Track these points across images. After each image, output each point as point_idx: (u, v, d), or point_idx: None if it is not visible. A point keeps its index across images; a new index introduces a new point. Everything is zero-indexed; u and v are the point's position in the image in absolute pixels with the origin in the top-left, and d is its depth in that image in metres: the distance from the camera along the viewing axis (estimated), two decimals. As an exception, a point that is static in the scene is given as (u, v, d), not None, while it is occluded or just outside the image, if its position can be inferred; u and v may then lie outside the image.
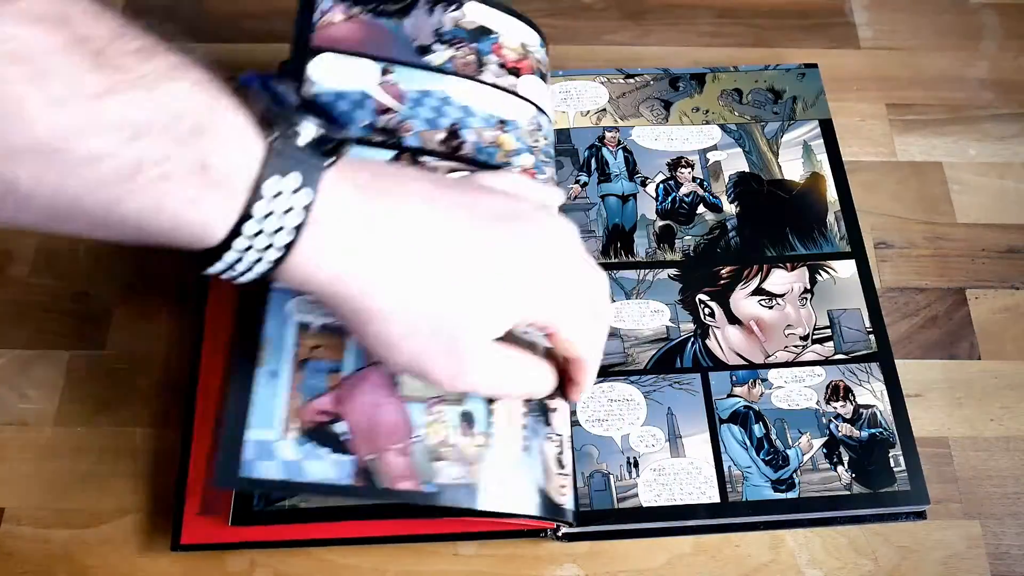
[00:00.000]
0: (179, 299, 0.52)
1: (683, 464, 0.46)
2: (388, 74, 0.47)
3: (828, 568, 0.45)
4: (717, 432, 0.47)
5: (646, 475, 0.46)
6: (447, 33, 0.49)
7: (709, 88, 0.57)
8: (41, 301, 0.52)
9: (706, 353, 0.49)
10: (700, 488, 0.45)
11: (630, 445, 0.46)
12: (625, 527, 0.45)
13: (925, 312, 0.52)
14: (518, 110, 0.50)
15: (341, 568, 0.45)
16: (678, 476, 0.46)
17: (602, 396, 0.48)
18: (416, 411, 0.41)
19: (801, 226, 0.53)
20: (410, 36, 0.49)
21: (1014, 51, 0.62)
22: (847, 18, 0.63)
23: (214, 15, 0.63)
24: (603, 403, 0.48)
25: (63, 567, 0.45)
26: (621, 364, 0.49)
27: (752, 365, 0.48)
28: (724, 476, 0.46)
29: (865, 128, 0.58)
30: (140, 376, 0.50)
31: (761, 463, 0.46)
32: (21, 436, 0.48)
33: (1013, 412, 0.49)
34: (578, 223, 0.52)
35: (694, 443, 0.46)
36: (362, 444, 0.40)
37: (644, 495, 0.45)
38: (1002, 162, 0.57)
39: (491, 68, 0.50)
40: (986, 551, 0.46)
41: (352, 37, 0.48)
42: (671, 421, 0.47)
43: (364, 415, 0.40)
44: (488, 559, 0.45)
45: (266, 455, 0.39)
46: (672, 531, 0.46)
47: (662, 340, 0.49)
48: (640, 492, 0.45)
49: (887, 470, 0.46)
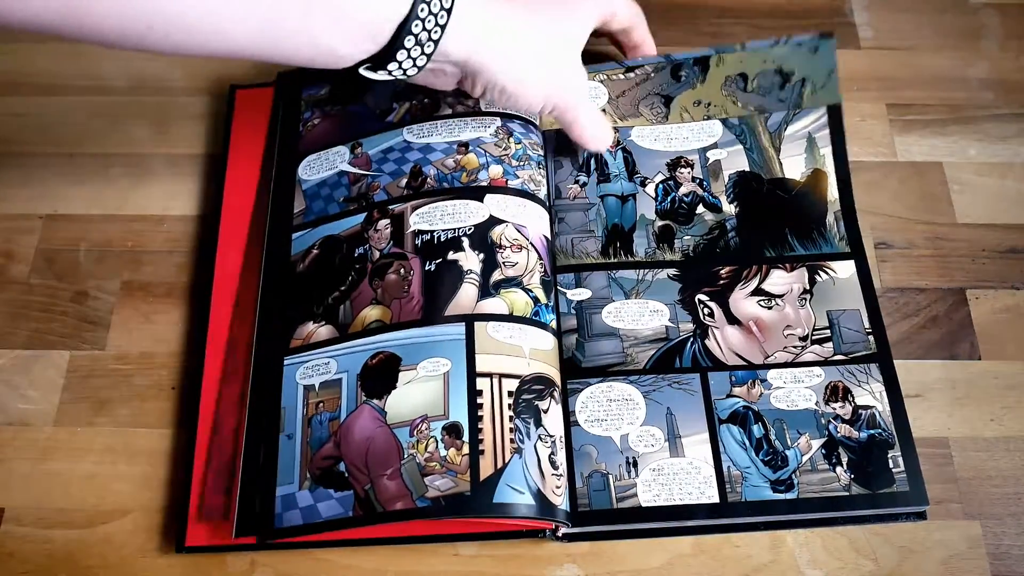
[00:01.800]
0: (179, 299, 0.52)
1: (682, 464, 0.46)
2: (357, 148, 0.53)
3: (828, 568, 0.45)
4: (716, 432, 0.47)
5: (645, 475, 0.46)
6: (402, 90, 0.54)
7: (713, 75, 0.56)
8: (41, 301, 0.52)
9: (705, 353, 0.49)
10: (699, 488, 0.45)
11: (629, 445, 0.46)
12: (625, 527, 0.45)
13: (925, 312, 0.52)
14: (479, 127, 0.52)
15: (341, 568, 0.45)
16: (677, 476, 0.46)
17: (601, 396, 0.48)
18: (403, 434, 0.44)
19: (801, 226, 0.53)
20: (372, 108, 0.55)
21: (1014, 51, 0.62)
22: (847, 18, 0.63)
23: (214, 15, 0.63)
24: (602, 403, 0.48)
25: (63, 567, 0.45)
26: (620, 364, 0.49)
27: (751, 366, 0.48)
28: (723, 476, 0.46)
29: (865, 128, 0.58)
30: (140, 376, 0.50)
31: (760, 463, 0.46)
32: (21, 436, 0.48)
33: (1013, 412, 0.49)
34: (577, 223, 0.52)
35: (693, 443, 0.46)
36: (359, 476, 0.43)
37: (643, 495, 0.45)
38: (1002, 162, 0.57)
39: (448, 99, 0.53)
40: (986, 551, 0.46)
41: (329, 131, 0.55)
42: (670, 421, 0.47)
43: (359, 450, 0.44)
44: (488, 559, 0.45)
45: (291, 505, 0.44)
46: (672, 531, 0.46)
47: (661, 340, 0.49)
48: (639, 492, 0.45)
49: (886, 471, 0.46)
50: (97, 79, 0.60)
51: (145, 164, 0.57)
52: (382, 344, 0.46)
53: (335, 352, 0.47)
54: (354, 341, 0.47)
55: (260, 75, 0.59)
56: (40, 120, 0.58)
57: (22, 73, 0.60)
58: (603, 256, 0.52)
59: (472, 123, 0.53)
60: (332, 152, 0.54)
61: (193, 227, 0.54)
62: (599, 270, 0.51)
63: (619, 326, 0.50)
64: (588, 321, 0.50)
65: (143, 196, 0.56)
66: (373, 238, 0.50)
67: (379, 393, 0.45)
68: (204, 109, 0.59)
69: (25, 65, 0.60)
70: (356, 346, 0.47)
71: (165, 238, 0.54)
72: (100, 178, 0.56)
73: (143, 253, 0.54)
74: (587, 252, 0.52)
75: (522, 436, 0.43)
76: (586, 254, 0.52)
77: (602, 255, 0.52)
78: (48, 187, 0.56)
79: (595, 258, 0.51)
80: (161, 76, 0.60)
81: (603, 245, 0.52)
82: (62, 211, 0.55)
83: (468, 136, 0.52)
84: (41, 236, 0.54)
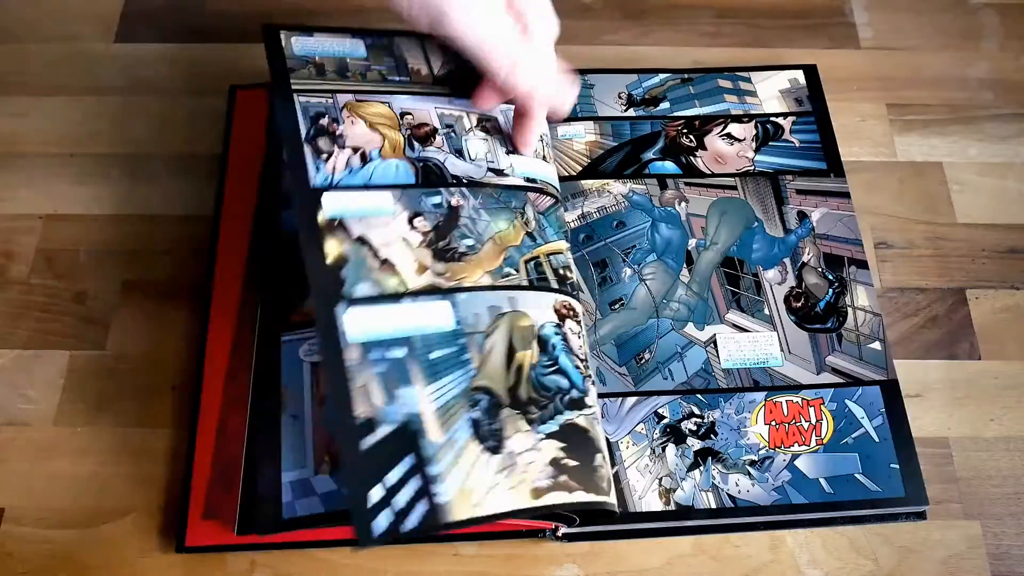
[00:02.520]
0: (179, 299, 0.52)
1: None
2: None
3: (828, 568, 0.45)
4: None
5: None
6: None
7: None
8: (41, 301, 0.52)
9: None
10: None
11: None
12: (625, 527, 0.45)
13: (925, 312, 0.52)
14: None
15: (341, 568, 0.45)
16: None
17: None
18: None
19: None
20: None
21: (1014, 51, 0.62)
22: (847, 18, 0.63)
23: (214, 15, 0.63)
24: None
25: (63, 567, 0.45)
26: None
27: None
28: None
29: (865, 128, 0.58)
30: (140, 376, 0.50)
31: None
32: (21, 436, 0.48)
33: (1013, 412, 0.49)
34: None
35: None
36: None
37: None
38: (1002, 162, 0.57)
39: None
40: (986, 551, 0.46)
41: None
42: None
43: None
44: (488, 559, 0.45)
45: (305, 492, 0.41)
46: (672, 531, 0.46)
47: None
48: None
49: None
50: (97, 79, 0.60)
51: (145, 164, 0.57)
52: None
53: None
54: None
55: (260, 76, 0.58)
56: (40, 120, 0.58)
57: (22, 73, 0.60)
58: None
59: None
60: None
61: (193, 227, 0.54)
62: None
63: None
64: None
65: (143, 196, 0.56)
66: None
67: None
68: (204, 109, 0.58)
69: (25, 65, 0.60)
70: None
71: (165, 238, 0.54)
72: (100, 178, 0.56)
73: (143, 253, 0.54)
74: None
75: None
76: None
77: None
78: (48, 187, 0.56)
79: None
80: (161, 76, 0.60)
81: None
82: (62, 211, 0.55)
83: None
84: (41, 236, 0.54)
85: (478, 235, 0.44)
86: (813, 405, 0.48)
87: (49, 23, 0.62)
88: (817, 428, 0.47)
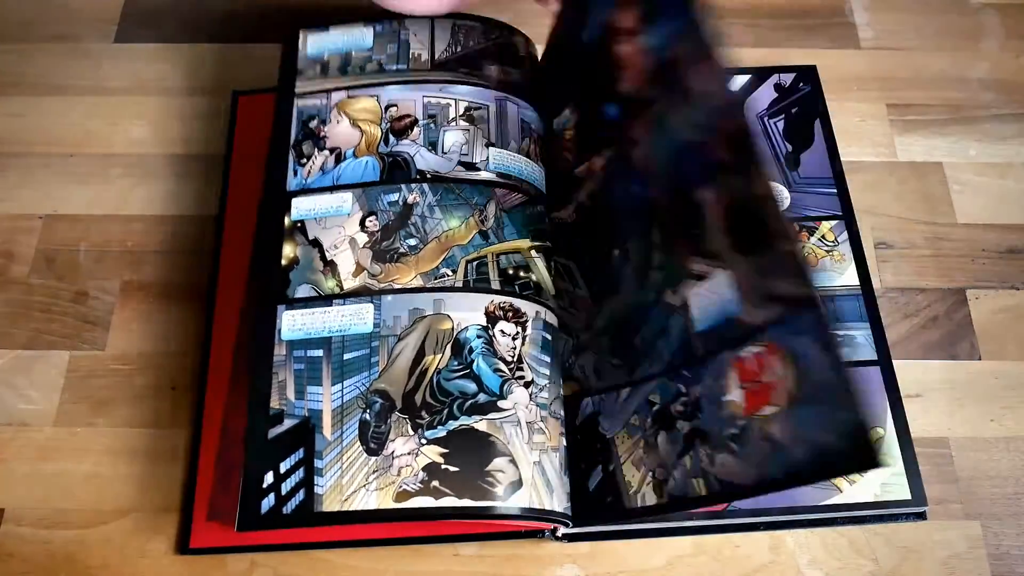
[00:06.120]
0: (179, 299, 0.52)
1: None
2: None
3: (828, 568, 0.45)
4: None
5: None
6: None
7: None
8: (41, 301, 0.52)
9: None
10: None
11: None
12: (625, 527, 0.45)
13: (925, 312, 0.52)
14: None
15: (341, 569, 0.45)
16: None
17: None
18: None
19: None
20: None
21: (1014, 51, 0.62)
22: (847, 18, 0.63)
23: (214, 15, 0.63)
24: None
25: (64, 567, 0.45)
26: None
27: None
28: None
29: (865, 128, 0.58)
30: (140, 376, 0.50)
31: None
32: (21, 436, 0.48)
33: (1013, 412, 0.49)
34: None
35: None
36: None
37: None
38: (1002, 162, 0.57)
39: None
40: (986, 551, 0.46)
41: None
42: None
43: None
44: (488, 560, 0.45)
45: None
46: (672, 531, 0.46)
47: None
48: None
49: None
50: (97, 79, 0.60)
51: (145, 164, 0.57)
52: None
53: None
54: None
55: (261, 76, 0.59)
56: (40, 120, 0.58)
57: (22, 73, 0.60)
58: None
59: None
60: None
61: (193, 227, 0.54)
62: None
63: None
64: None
65: (143, 196, 0.56)
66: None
67: None
68: (204, 109, 0.58)
69: (25, 65, 0.60)
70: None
71: (165, 238, 0.54)
72: (100, 178, 0.56)
73: (143, 253, 0.54)
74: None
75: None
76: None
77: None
78: (48, 187, 0.56)
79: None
80: (161, 76, 0.60)
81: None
82: (62, 211, 0.55)
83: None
84: (41, 236, 0.54)
85: (423, 234, 0.45)
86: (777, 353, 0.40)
87: (49, 23, 0.62)
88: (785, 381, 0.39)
